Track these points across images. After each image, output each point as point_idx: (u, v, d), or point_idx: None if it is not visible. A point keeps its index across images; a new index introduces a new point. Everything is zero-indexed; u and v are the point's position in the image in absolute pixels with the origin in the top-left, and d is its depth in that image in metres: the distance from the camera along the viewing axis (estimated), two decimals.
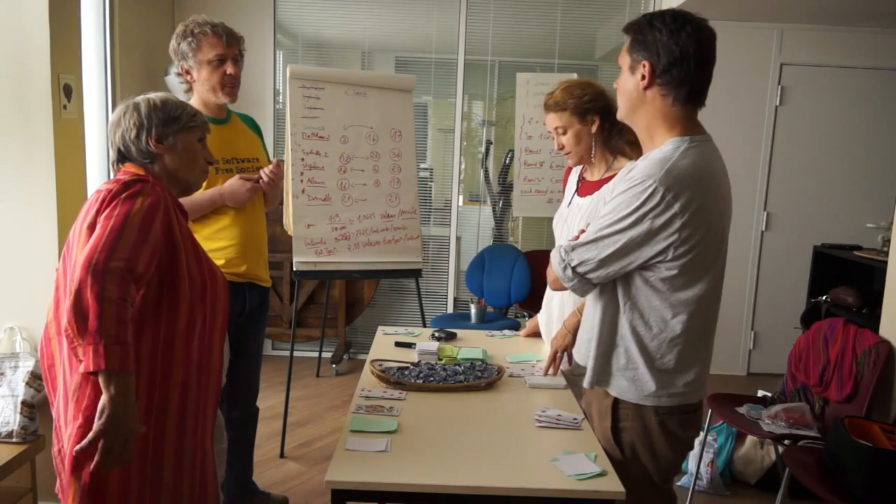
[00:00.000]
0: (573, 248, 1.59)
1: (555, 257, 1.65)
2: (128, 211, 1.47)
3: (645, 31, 1.56)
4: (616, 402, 1.66)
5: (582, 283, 1.61)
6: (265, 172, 2.37)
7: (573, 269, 1.59)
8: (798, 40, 4.65)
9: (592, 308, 1.70)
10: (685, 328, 1.58)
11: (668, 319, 1.58)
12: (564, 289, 1.66)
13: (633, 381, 1.62)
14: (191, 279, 1.58)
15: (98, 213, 1.49)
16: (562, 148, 2.19)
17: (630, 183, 1.52)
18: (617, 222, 1.52)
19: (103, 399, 1.36)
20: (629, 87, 1.60)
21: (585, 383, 1.70)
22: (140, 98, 1.67)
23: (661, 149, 1.56)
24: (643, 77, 1.56)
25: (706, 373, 1.67)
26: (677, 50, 1.52)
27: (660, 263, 1.54)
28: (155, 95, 1.69)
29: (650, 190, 1.48)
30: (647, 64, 1.55)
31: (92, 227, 1.47)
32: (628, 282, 1.59)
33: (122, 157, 1.66)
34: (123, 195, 1.50)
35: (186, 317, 1.56)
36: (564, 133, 2.16)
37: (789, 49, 4.66)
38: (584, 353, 1.73)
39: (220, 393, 1.75)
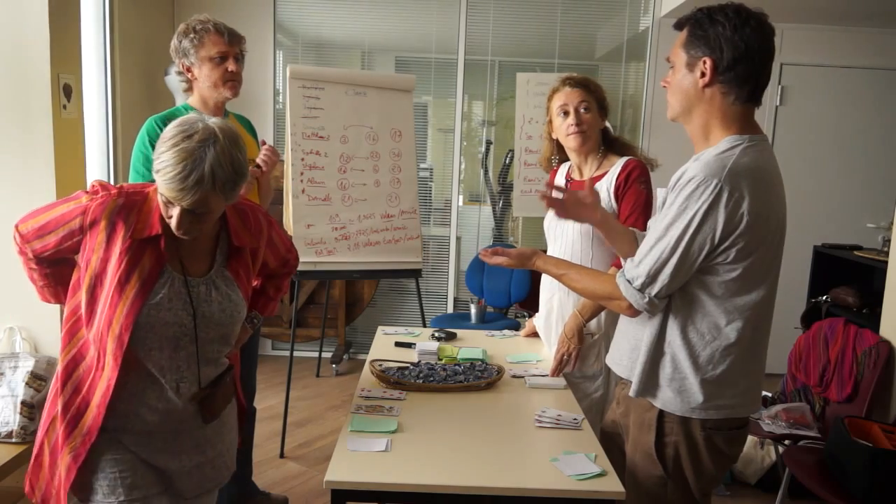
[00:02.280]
0: (650, 280, 1.49)
1: (629, 292, 1.52)
2: (62, 201, 1.55)
3: (705, 25, 1.47)
4: (661, 415, 1.57)
5: (662, 303, 1.52)
6: (261, 158, 2.41)
7: (653, 298, 1.50)
8: (798, 40, 4.65)
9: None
10: (739, 336, 1.49)
11: (722, 326, 1.50)
12: (639, 313, 1.56)
13: (679, 393, 1.53)
14: (106, 312, 1.46)
15: None
16: (580, 124, 2.16)
17: (692, 185, 1.43)
18: (683, 231, 1.43)
19: None
20: (685, 84, 1.51)
21: (631, 392, 1.62)
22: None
23: (717, 147, 1.48)
24: (703, 74, 1.48)
25: (756, 387, 1.58)
26: (742, 45, 1.43)
27: (719, 265, 1.46)
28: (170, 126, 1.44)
29: (716, 190, 1.40)
30: (708, 60, 1.46)
31: None
32: (682, 287, 1.51)
33: None
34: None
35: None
36: (588, 110, 2.17)
37: (789, 49, 4.66)
38: (627, 363, 1.64)
39: None
